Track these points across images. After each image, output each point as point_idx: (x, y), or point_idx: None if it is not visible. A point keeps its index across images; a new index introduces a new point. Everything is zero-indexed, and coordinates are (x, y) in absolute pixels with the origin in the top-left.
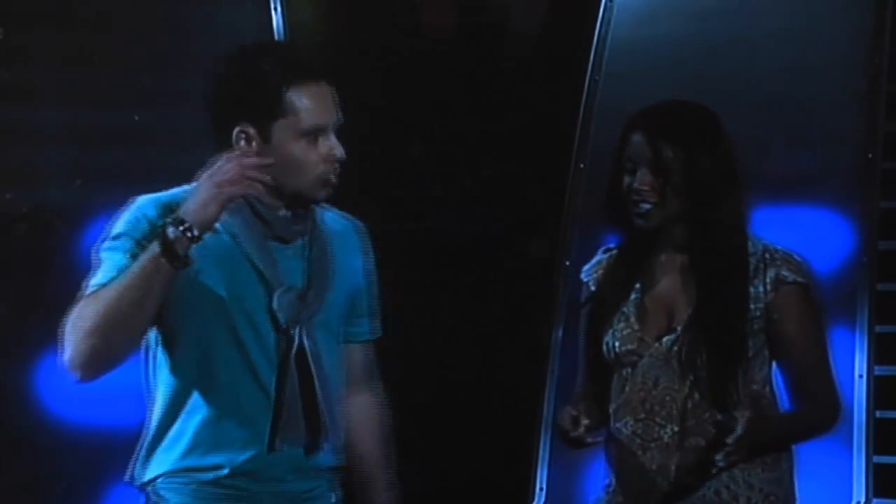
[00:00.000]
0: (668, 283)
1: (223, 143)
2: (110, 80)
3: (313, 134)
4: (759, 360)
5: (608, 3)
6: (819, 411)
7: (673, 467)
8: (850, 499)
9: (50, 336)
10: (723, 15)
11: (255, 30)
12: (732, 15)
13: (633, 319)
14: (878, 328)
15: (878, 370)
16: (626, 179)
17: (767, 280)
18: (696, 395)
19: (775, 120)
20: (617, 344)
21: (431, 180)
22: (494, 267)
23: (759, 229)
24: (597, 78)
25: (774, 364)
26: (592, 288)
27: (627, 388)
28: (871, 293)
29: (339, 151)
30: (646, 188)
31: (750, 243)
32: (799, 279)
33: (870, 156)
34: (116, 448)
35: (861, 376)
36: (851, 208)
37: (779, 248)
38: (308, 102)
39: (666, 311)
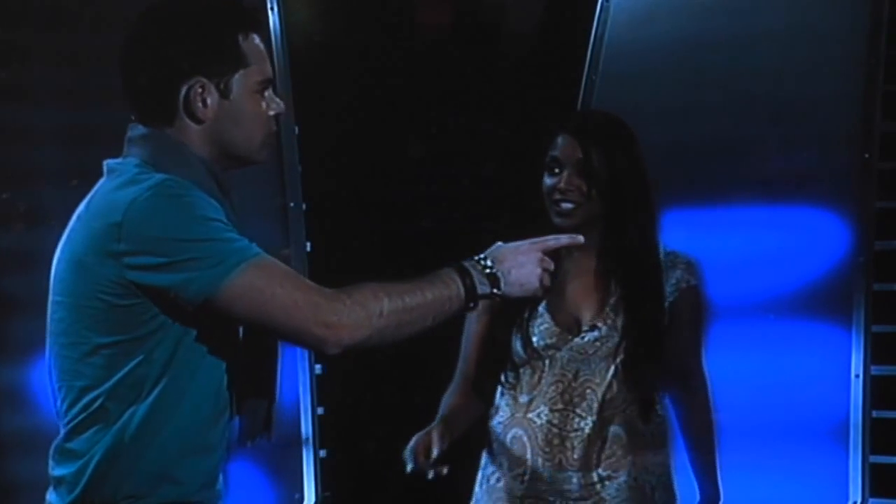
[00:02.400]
0: (578, 282)
1: (160, 107)
2: (108, 80)
3: (263, 88)
4: None
5: (605, 3)
6: (710, 412)
7: (594, 456)
8: (847, 499)
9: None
10: (719, 15)
11: None
12: (729, 15)
13: (547, 316)
14: (874, 328)
15: (874, 370)
16: (549, 180)
17: (672, 282)
18: (615, 387)
19: (771, 120)
20: (535, 339)
21: (431, 180)
22: None
23: (756, 229)
24: (593, 78)
25: None
26: None
27: (543, 380)
28: (868, 293)
29: (282, 105)
30: (572, 188)
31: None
32: (696, 282)
33: (866, 156)
34: None
35: (857, 376)
36: (848, 208)
37: (678, 251)
38: (258, 53)
39: (577, 309)
